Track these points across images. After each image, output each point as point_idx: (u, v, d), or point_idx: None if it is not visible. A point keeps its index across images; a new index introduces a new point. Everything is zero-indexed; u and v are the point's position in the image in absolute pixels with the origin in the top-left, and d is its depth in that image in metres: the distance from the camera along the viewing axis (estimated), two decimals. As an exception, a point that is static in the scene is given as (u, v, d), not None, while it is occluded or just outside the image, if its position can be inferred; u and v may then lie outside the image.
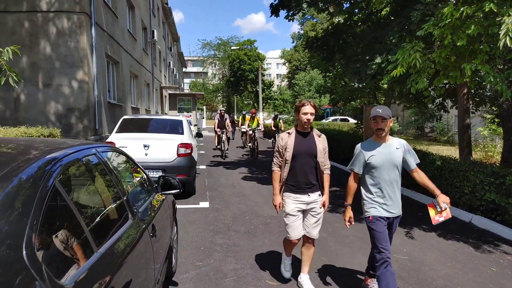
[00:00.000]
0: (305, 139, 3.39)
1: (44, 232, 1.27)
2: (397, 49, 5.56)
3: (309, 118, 3.30)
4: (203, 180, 9.18)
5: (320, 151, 3.37)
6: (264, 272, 3.94)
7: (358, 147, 3.28)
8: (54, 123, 9.34)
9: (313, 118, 3.36)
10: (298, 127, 3.45)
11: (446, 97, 9.69)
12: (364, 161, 3.20)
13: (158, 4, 24.86)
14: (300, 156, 3.34)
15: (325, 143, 3.45)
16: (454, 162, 6.71)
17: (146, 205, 2.70)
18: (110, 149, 2.54)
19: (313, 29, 44.19)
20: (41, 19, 9.37)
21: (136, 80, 16.88)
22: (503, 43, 3.81)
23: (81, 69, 9.55)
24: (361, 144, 3.28)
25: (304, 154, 3.34)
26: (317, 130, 3.50)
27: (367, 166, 3.20)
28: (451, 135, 22.55)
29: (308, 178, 3.38)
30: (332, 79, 14.21)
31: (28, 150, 1.72)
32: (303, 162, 3.35)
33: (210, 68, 68.75)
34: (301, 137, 3.39)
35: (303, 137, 3.39)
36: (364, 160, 3.19)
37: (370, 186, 3.23)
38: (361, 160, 3.22)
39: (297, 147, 3.34)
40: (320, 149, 3.38)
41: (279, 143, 3.42)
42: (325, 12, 9.40)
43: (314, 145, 3.37)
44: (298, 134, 3.41)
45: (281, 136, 3.46)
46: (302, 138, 3.39)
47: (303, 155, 3.34)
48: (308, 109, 3.30)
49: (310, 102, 3.36)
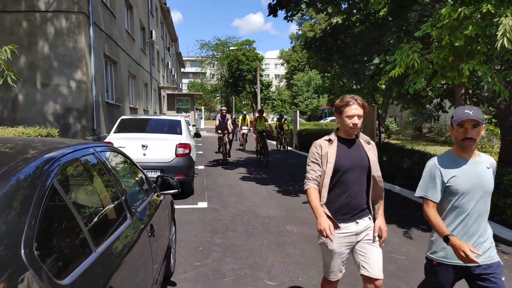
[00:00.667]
0: (351, 148, 2.55)
1: (42, 231, 1.26)
2: (395, 49, 5.57)
3: (356, 122, 2.43)
4: (202, 180, 9.18)
5: (374, 163, 2.54)
6: (262, 272, 3.94)
7: (432, 164, 2.31)
8: (52, 123, 9.33)
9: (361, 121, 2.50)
10: (340, 132, 2.59)
11: (444, 97, 9.72)
12: (443, 184, 2.25)
13: (157, 4, 24.85)
14: (346, 170, 2.48)
15: (376, 151, 2.63)
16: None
17: (144, 205, 2.70)
18: (108, 149, 2.54)
19: (311, 29, 44.23)
20: (39, 19, 9.36)
21: (134, 80, 16.86)
22: (500, 43, 3.83)
23: (79, 69, 9.54)
24: (437, 159, 2.32)
25: (352, 168, 2.49)
26: (364, 135, 2.66)
27: (446, 192, 2.26)
28: (448, 136, 22.61)
29: (357, 201, 2.51)
30: (330, 80, 14.23)
31: (26, 150, 1.72)
32: (350, 179, 2.48)
33: (209, 69, 68.73)
34: (345, 146, 2.54)
35: (347, 146, 2.55)
36: (443, 182, 2.25)
37: (447, 219, 2.28)
38: (437, 183, 2.26)
39: (341, 159, 2.48)
40: (374, 159, 2.55)
41: (315, 152, 2.56)
42: (324, 13, 9.42)
43: (365, 156, 2.53)
44: (341, 141, 2.56)
45: (317, 143, 2.57)
46: (346, 147, 2.54)
47: (351, 170, 2.49)
48: (354, 111, 2.42)
49: (357, 99, 2.44)
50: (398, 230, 5.43)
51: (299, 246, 4.75)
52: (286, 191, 8.10)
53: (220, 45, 62.56)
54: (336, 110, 2.54)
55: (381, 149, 9.48)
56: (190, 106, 27.45)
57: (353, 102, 2.43)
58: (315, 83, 42.97)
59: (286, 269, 4.04)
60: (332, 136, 2.59)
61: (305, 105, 45.87)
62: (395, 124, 29.01)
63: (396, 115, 28.93)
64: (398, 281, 3.78)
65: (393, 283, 3.76)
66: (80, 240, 1.53)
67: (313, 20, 47.09)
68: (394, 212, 6.35)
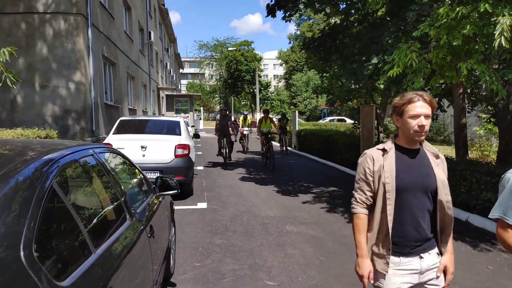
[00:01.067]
0: (413, 160, 1.96)
1: (41, 233, 1.26)
2: (393, 49, 5.58)
3: (423, 124, 1.85)
4: (201, 181, 9.18)
5: (443, 183, 1.95)
6: (262, 273, 3.94)
7: (509, 178, 1.78)
8: (51, 124, 9.32)
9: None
10: (400, 139, 1.99)
11: (442, 96, 9.74)
12: None
13: (155, 5, 24.85)
14: (407, 191, 1.90)
15: (445, 168, 2.03)
16: (450, 162, 6.74)
17: (144, 206, 2.70)
18: (107, 150, 2.54)
19: (309, 30, 44.30)
20: (37, 21, 9.35)
21: (133, 81, 16.86)
22: (498, 42, 3.84)
23: (78, 71, 9.53)
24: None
25: (415, 187, 1.91)
26: (431, 147, 2.05)
27: None
28: (447, 135, 22.66)
29: (420, 230, 1.93)
30: (329, 80, 14.25)
31: (25, 151, 1.72)
32: (411, 202, 1.91)
33: (207, 69, 68.77)
34: (405, 158, 1.96)
35: (409, 158, 1.96)
36: None
37: None
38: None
39: (401, 175, 1.91)
40: (443, 179, 1.96)
41: (365, 166, 1.98)
42: (322, 13, 9.44)
43: (432, 173, 1.95)
44: (400, 152, 1.97)
45: (369, 154, 1.99)
46: (408, 159, 1.96)
47: (413, 190, 1.91)
48: (420, 109, 1.85)
49: (422, 95, 1.88)
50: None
51: (298, 246, 4.76)
52: (286, 191, 8.10)
53: (219, 46, 62.62)
54: (394, 110, 1.96)
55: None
56: (189, 107, 27.44)
57: (418, 99, 1.87)
58: (313, 83, 42.99)
59: (286, 269, 4.04)
60: (388, 144, 1.99)
61: (304, 105, 45.92)
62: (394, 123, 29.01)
63: (395, 115, 28.94)
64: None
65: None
66: (79, 242, 1.53)
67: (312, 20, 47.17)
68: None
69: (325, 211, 6.46)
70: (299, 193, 7.92)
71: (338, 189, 8.30)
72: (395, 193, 1.90)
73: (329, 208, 6.63)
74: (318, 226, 5.62)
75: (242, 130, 16.58)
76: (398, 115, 1.95)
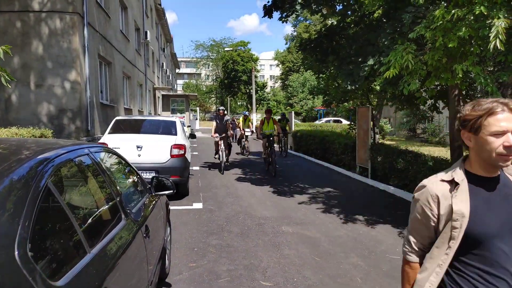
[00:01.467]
0: (495, 194, 1.43)
1: (36, 232, 1.26)
2: (389, 51, 5.60)
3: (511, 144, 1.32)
4: (197, 181, 9.16)
5: None
6: (258, 273, 3.94)
7: None
8: (46, 124, 9.26)
9: None
10: (472, 165, 1.47)
11: (438, 98, 9.78)
12: None
13: (151, 5, 24.79)
14: (490, 237, 1.37)
15: None
16: (445, 163, 6.78)
17: (139, 206, 2.69)
18: (103, 150, 2.53)
19: (306, 30, 44.39)
20: (33, 19, 9.30)
21: (129, 81, 16.80)
22: (493, 45, 3.87)
23: (74, 70, 9.49)
24: None
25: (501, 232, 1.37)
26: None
27: None
28: (442, 136, 22.75)
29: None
30: (325, 81, 14.27)
31: (19, 151, 1.71)
32: (497, 253, 1.36)
33: (204, 69, 68.68)
34: (483, 191, 1.42)
35: (488, 190, 1.43)
36: None
37: None
38: None
39: (480, 215, 1.38)
40: None
41: (425, 205, 1.47)
42: (319, 14, 9.45)
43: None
44: (475, 183, 1.44)
45: (430, 189, 1.46)
46: (486, 192, 1.42)
47: (499, 237, 1.37)
48: (506, 123, 1.34)
49: (507, 103, 1.36)
50: (392, 230, 5.46)
51: (294, 246, 4.76)
52: (281, 191, 8.10)
53: (215, 46, 62.57)
54: (464, 124, 1.44)
55: (375, 149, 9.54)
56: (185, 107, 27.39)
57: (502, 109, 1.35)
58: (310, 84, 43.06)
59: (282, 269, 4.05)
60: (458, 174, 1.45)
61: (300, 106, 45.97)
62: (390, 125, 29.15)
63: (390, 116, 29.09)
64: (393, 281, 3.79)
65: (388, 283, 3.77)
66: (74, 241, 1.52)
67: (308, 21, 47.29)
68: (388, 213, 6.38)
69: (321, 212, 6.47)
70: (295, 193, 7.93)
71: (333, 189, 8.32)
72: (472, 240, 1.38)
73: (324, 209, 6.64)
74: (314, 226, 5.63)
75: (243, 131, 15.66)
76: (472, 131, 1.40)
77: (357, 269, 4.09)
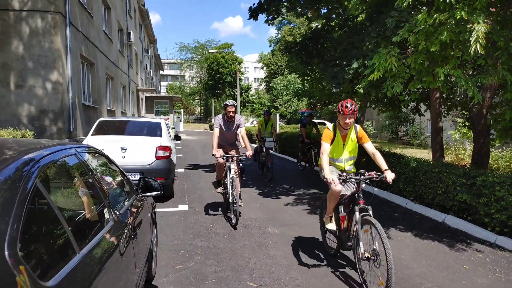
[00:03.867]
0: None
1: (26, 233, 1.23)
2: (373, 54, 5.71)
3: None
4: (182, 183, 9.10)
5: None
6: (245, 274, 3.94)
7: None
8: (26, 125, 9.05)
9: None
10: None
11: (420, 101, 10.00)
12: None
13: (135, 6, 24.54)
14: None
15: None
16: (427, 164, 6.92)
17: (126, 207, 2.66)
18: (89, 150, 2.50)
19: (290, 33, 44.67)
20: (13, 18, 9.08)
21: (112, 82, 16.57)
22: (473, 49, 3.99)
23: (55, 70, 9.30)
24: None
25: None
26: None
27: None
28: (423, 139, 23.24)
29: None
30: (310, 83, 14.39)
31: (1, 151, 1.66)
32: None
33: (188, 71, 68.30)
34: None
35: None
36: None
37: None
38: None
39: None
40: None
41: None
42: (304, 17, 9.55)
43: None
44: None
45: None
46: None
47: None
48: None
49: None
50: (377, 230, 5.53)
51: (281, 247, 4.78)
52: (267, 193, 8.12)
53: (200, 48, 62.34)
54: None
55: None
56: (169, 109, 27.17)
57: None
58: (294, 87, 43.34)
59: (269, 270, 4.05)
60: None
61: (284, 108, 46.20)
62: (372, 127, 29.59)
63: (373, 119, 29.53)
64: (378, 280, 3.84)
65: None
66: (64, 242, 1.50)
67: (292, 24, 47.59)
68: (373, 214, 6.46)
69: (307, 213, 6.52)
70: (280, 195, 7.96)
71: (319, 191, 8.39)
72: None
73: (310, 210, 6.69)
74: (300, 227, 5.66)
75: (264, 141, 10.41)
76: None
77: (344, 269, 4.14)
